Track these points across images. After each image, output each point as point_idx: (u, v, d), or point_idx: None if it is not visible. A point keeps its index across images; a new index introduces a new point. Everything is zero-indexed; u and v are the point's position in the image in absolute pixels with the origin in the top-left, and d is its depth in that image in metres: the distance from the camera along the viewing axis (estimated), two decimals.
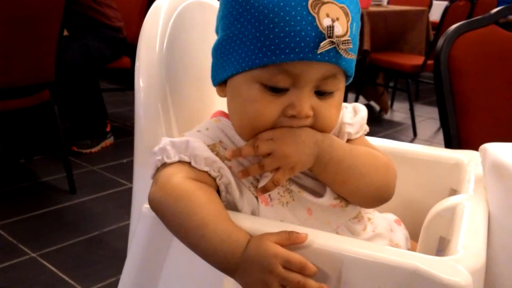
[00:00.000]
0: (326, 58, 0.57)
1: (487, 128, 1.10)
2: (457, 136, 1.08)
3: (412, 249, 0.76)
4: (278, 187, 0.65)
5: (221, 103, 0.83)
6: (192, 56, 0.79)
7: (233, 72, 0.62)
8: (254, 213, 0.65)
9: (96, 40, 2.63)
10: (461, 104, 1.09)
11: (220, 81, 0.66)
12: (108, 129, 2.77)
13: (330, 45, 0.56)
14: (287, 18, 0.56)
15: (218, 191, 0.63)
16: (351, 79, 0.66)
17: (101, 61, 2.69)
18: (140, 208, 0.62)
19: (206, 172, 0.62)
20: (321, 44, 0.56)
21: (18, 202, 2.08)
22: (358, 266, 0.53)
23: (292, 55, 0.56)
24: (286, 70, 0.58)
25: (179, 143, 0.63)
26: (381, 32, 3.27)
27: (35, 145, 2.52)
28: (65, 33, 2.32)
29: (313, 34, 0.56)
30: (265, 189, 0.62)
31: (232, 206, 0.64)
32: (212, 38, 0.66)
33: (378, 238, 0.72)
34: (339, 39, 0.57)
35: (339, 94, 0.64)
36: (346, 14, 0.58)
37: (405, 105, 3.68)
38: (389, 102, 3.81)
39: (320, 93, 0.61)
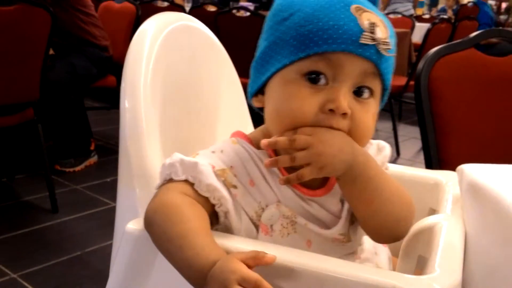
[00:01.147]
0: (367, 53, 0.59)
1: (467, 149, 1.13)
2: (437, 156, 1.10)
3: (394, 266, 0.77)
4: (283, 218, 0.65)
5: (208, 125, 0.85)
6: (178, 78, 0.80)
7: (273, 71, 0.63)
8: None
9: (82, 59, 2.63)
10: (441, 125, 1.11)
11: (258, 88, 0.67)
12: (92, 147, 2.75)
13: (371, 41, 0.58)
14: (331, 15, 0.59)
15: (216, 216, 0.64)
16: (386, 95, 0.66)
17: (87, 80, 2.69)
18: (123, 228, 0.63)
19: (206, 197, 0.62)
20: (363, 33, 0.58)
21: None
22: (338, 285, 0.54)
23: (334, 45, 0.58)
24: (328, 58, 0.59)
25: (188, 163, 0.63)
26: None
27: (17, 163, 2.49)
28: (51, 51, 2.32)
29: (356, 29, 0.58)
30: (287, 180, 0.61)
31: (229, 229, 0.64)
32: (198, 60, 0.67)
33: (365, 263, 0.72)
34: (380, 39, 0.59)
35: (376, 104, 0.64)
36: (385, 26, 0.61)
37: (389, 125, 3.72)
38: None
39: (359, 94, 0.62)
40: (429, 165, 1.08)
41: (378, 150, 0.73)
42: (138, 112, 0.70)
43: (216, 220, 0.64)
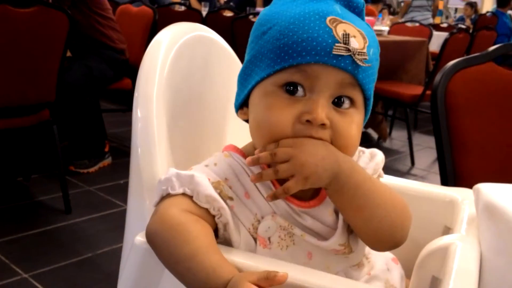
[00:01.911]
0: (342, 64, 0.59)
1: (483, 164, 1.11)
2: (453, 171, 1.09)
3: (406, 286, 0.75)
4: (280, 230, 0.64)
5: (220, 136, 0.84)
6: (191, 89, 0.80)
7: (253, 84, 0.64)
8: None
9: (99, 61, 2.65)
10: (458, 139, 1.09)
11: (242, 101, 0.67)
12: (106, 149, 2.77)
13: (345, 52, 0.58)
14: (306, 27, 0.60)
15: (216, 229, 0.63)
16: (370, 104, 0.66)
17: (103, 82, 2.71)
18: (132, 239, 0.62)
19: (206, 209, 0.62)
20: (336, 45, 0.58)
21: (13, 221, 2.07)
22: None
23: (308, 57, 0.59)
24: (304, 70, 0.60)
25: (184, 176, 0.62)
26: (381, 61, 3.26)
27: (33, 163, 2.52)
28: (68, 53, 2.35)
29: (330, 40, 0.58)
30: (274, 196, 0.61)
31: (228, 244, 0.64)
32: (211, 71, 0.67)
33: (374, 280, 0.71)
34: (355, 49, 0.59)
35: (358, 114, 0.64)
36: (363, 37, 0.61)
37: (403, 134, 3.69)
38: (388, 130, 3.83)
39: (339, 104, 0.62)
40: (445, 180, 1.06)
41: (371, 157, 0.72)
42: (150, 123, 0.70)
43: (215, 234, 0.63)
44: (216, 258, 0.57)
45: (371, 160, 0.72)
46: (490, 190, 0.65)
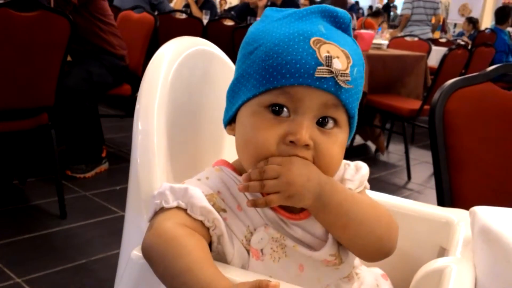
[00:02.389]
0: (325, 86, 0.60)
1: (480, 184, 1.11)
2: (449, 189, 1.09)
3: None
4: (272, 242, 0.65)
5: (219, 151, 0.84)
6: (192, 103, 0.80)
7: (240, 103, 0.65)
8: (244, 266, 0.64)
9: (99, 66, 2.66)
10: (455, 159, 1.10)
11: (230, 118, 0.69)
12: (103, 154, 2.77)
13: (328, 74, 0.60)
14: (290, 49, 0.61)
15: (210, 242, 0.63)
16: (354, 122, 0.67)
17: (102, 87, 2.71)
18: (129, 253, 0.62)
19: (201, 221, 0.62)
20: (318, 68, 0.59)
21: (7, 225, 2.06)
22: None
23: (292, 79, 0.60)
24: (288, 92, 0.61)
25: (178, 190, 0.63)
26: (379, 75, 3.32)
27: (29, 167, 2.51)
28: (68, 58, 2.35)
29: (313, 62, 0.60)
30: (254, 203, 0.62)
31: (222, 257, 0.64)
32: (213, 86, 0.67)
33: None
34: (338, 71, 0.60)
35: (342, 133, 0.65)
36: (347, 56, 0.62)
37: (401, 148, 3.70)
38: (385, 144, 3.84)
39: (323, 124, 0.63)
40: (441, 199, 1.07)
41: (356, 170, 0.74)
42: (150, 136, 0.70)
43: (209, 248, 0.63)
44: (211, 272, 0.57)
45: (356, 172, 0.73)
46: (486, 214, 0.65)
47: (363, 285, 0.73)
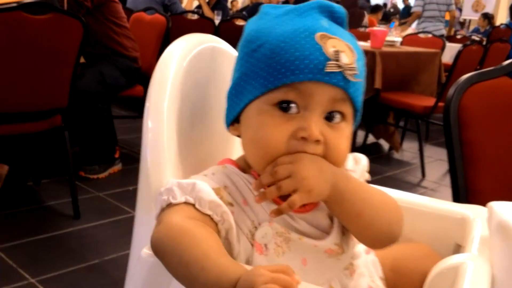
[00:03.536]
0: (334, 80, 0.60)
1: (496, 180, 1.09)
2: (465, 186, 1.07)
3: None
4: (276, 236, 0.65)
5: (229, 148, 0.84)
6: (202, 100, 0.80)
7: (246, 102, 0.65)
8: (248, 261, 0.64)
9: (111, 68, 2.67)
10: (470, 154, 1.08)
11: (234, 118, 0.68)
12: (117, 155, 2.78)
13: (337, 68, 0.60)
14: (297, 45, 0.61)
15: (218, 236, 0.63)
16: (359, 116, 0.68)
17: (115, 89, 2.73)
18: (140, 251, 0.62)
19: (209, 215, 0.62)
20: (328, 63, 0.60)
21: (21, 225, 2.08)
22: None
23: (301, 76, 0.60)
24: (297, 88, 0.61)
25: (186, 185, 0.63)
26: (393, 72, 3.29)
27: (43, 168, 2.53)
28: (82, 60, 2.37)
29: (321, 58, 0.60)
30: (279, 211, 0.62)
31: (228, 251, 0.63)
32: (223, 83, 0.67)
33: (360, 277, 0.72)
34: (345, 65, 0.61)
35: (348, 127, 0.66)
36: (351, 50, 0.62)
37: (415, 145, 3.67)
38: (400, 141, 3.80)
39: (330, 119, 0.63)
40: (456, 195, 1.05)
41: (355, 162, 0.75)
42: (160, 134, 0.70)
43: None
44: (228, 259, 0.56)
45: (356, 163, 0.74)
46: (504, 209, 0.63)
47: (362, 277, 0.73)
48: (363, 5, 7.29)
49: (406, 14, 9.74)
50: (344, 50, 0.61)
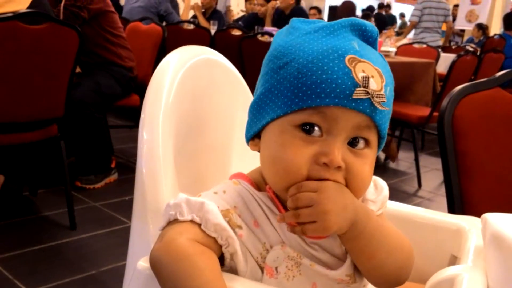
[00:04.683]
0: (361, 107, 0.58)
1: (492, 190, 1.09)
2: (460, 196, 1.08)
3: None
4: (288, 260, 0.64)
5: (225, 160, 0.84)
6: (198, 112, 0.80)
7: (268, 120, 0.63)
8: None
9: (107, 77, 2.68)
10: (465, 165, 1.08)
11: (254, 133, 0.67)
12: (113, 165, 2.78)
13: (365, 95, 0.58)
14: (325, 68, 0.59)
15: (223, 256, 0.62)
16: (383, 143, 0.66)
17: (111, 98, 2.73)
18: (135, 263, 0.62)
19: (214, 238, 0.61)
20: (357, 89, 0.57)
21: (17, 236, 2.07)
22: None
23: (327, 100, 0.58)
24: (322, 112, 0.59)
25: (194, 203, 0.62)
26: None
27: (40, 178, 2.53)
28: (78, 69, 2.37)
29: (349, 83, 0.58)
30: (293, 230, 0.61)
31: (234, 273, 0.63)
32: (218, 95, 0.67)
33: None
34: (374, 92, 0.58)
35: (372, 154, 0.63)
36: (381, 76, 0.60)
37: (410, 155, 3.68)
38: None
39: (353, 144, 0.61)
40: (452, 206, 1.05)
41: (376, 189, 0.72)
42: (156, 146, 0.69)
43: (221, 262, 0.62)
44: None
45: (377, 192, 0.71)
46: (498, 221, 0.64)
47: None
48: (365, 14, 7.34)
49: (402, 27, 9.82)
50: (374, 76, 0.59)
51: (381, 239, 0.64)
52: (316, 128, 0.60)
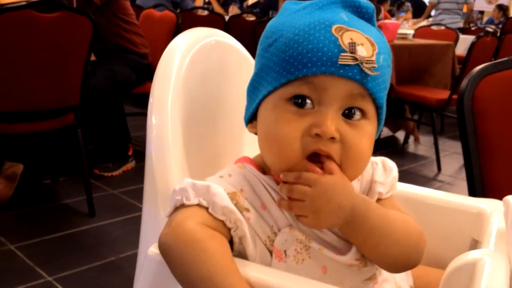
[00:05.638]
0: (350, 74, 0.57)
1: None
2: (481, 180, 1.05)
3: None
4: (296, 243, 0.63)
5: (236, 144, 0.82)
6: (207, 95, 0.78)
7: (261, 98, 0.63)
8: None
9: (122, 65, 2.68)
10: (485, 146, 1.05)
11: (251, 115, 0.66)
12: (130, 152, 2.79)
13: (352, 61, 0.56)
14: (311, 38, 0.58)
15: (231, 240, 0.61)
16: (382, 113, 0.64)
17: (126, 86, 2.73)
18: (147, 249, 0.61)
19: (222, 221, 0.60)
20: (341, 54, 0.56)
21: (37, 224, 2.09)
22: None
23: (314, 68, 0.57)
24: (311, 82, 0.58)
25: (200, 187, 0.61)
26: (406, 66, 3.25)
27: (58, 166, 2.55)
28: (92, 57, 2.37)
29: (336, 50, 0.57)
30: (295, 216, 0.61)
31: (243, 257, 0.62)
32: (229, 77, 0.65)
33: (384, 283, 0.69)
34: (362, 58, 0.57)
35: (370, 125, 0.62)
36: (372, 44, 0.59)
37: (430, 139, 3.62)
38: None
39: (349, 116, 0.60)
40: (472, 189, 1.03)
41: (385, 170, 0.70)
42: (165, 130, 0.68)
43: (231, 246, 0.61)
44: (233, 280, 0.55)
45: (386, 173, 0.70)
46: None
47: (381, 275, 0.70)
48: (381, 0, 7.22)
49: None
50: (363, 43, 0.58)
51: (384, 230, 0.62)
52: (308, 101, 0.59)
